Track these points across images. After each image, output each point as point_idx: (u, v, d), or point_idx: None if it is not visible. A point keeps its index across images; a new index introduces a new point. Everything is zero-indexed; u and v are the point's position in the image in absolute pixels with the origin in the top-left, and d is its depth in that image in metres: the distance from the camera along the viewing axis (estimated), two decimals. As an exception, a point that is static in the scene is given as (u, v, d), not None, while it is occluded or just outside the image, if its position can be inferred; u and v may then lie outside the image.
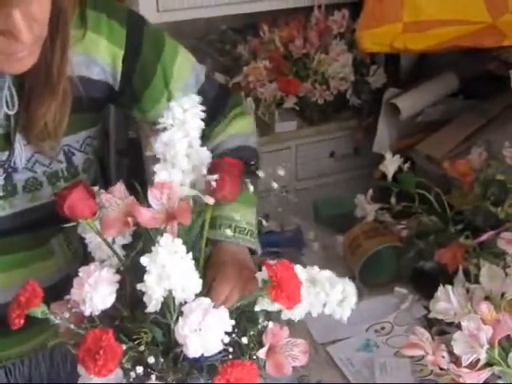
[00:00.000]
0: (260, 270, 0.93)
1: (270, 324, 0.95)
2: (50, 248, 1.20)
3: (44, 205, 1.11)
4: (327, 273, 0.98)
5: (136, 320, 0.94)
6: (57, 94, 1.01)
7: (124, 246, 1.01)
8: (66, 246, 1.22)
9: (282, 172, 1.11)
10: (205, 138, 1.12)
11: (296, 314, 0.96)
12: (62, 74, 1.00)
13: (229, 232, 1.05)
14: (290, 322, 0.99)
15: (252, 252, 1.09)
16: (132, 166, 2.50)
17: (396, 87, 2.05)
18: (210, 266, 1.00)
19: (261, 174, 1.06)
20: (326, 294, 0.96)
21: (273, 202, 1.60)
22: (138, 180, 0.98)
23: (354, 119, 2.19)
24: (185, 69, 1.15)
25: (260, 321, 0.96)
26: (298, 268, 0.94)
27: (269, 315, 0.97)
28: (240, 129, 1.21)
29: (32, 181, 1.10)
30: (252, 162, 1.11)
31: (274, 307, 0.93)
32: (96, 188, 0.99)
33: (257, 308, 0.94)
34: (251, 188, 1.00)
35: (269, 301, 0.92)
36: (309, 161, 2.19)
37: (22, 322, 0.90)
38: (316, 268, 0.99)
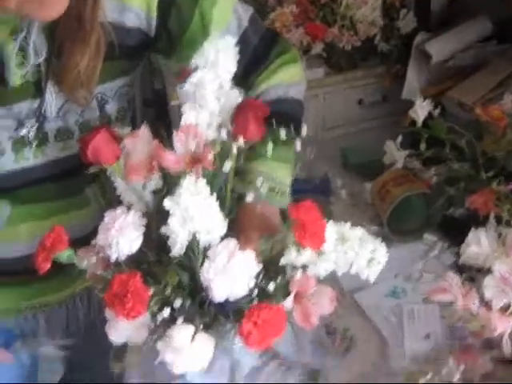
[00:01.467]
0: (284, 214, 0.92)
1: (298, 273, 0.93)
2: (85, 197, 1.19)
3: (76, 154, 1.10)
4: (358, 231, 0.96)
5: (162, 264, 0.94)
6: (89, 42, 0.98)
7: (154, 192, 1.00)
8: (100, 196, 1.21)
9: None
10: (248, 86, 1.09)
11: (322, 269, 0.95)
12: (94, 21, 0.97)
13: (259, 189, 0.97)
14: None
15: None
16: (157, 117, 2.49)
17: (426, 31, 1.99)
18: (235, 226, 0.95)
19: (304, 130, 1.01)
20: (355, 253, 0.94)
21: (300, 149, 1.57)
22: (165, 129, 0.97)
23: (382, 66, 2.14)
24: (226, 12, 1.08)
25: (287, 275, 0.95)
26: (328, 223, 0.92)
27: (295, 269, 0.96)
28: (284, 78, 1.13)
29: (64, 130, 1.09)
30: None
31: (301, 260, 0.92)
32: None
33: (283, 261, 0.92)
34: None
35: (295, 253, 0.90)
36: (336, 109, 2.16)
37: (48, 265, 0.90)
38: (347, 225, 0.96)
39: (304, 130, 1.00)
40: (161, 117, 2.40)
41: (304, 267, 0.93)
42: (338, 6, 2.04)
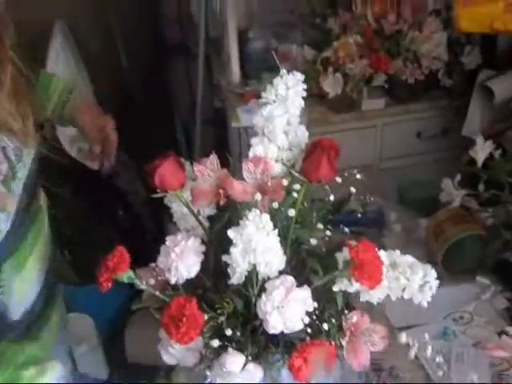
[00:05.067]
0: (341, 249, 0.93)
1: (354, 316, 0.94)
2: None
3: None
4: (408, 257, 0.97)
5: (218, 291, 0.96)
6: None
7: (208, 218, 1.03)
8: None
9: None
10: None
11: (375, 296, 0.96)
12: None
13: None
14: (368, 304, 0.99)
15: None
16: (216, 136, 2.54)
17: (491, 69, 1.97)
18: None
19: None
20: (406, 278, 0.95)
21: (356, 180, 1.58)
22: (223, 150, 0.99)
23: (443, 99, 2.14)
24: None
25: (338, 302, 0.96)
26: (380, 252, 0.93)
27: (347, 296, 0.97)
28: None
29: None
30: None
31: (353, 288, 0.93)
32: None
33: (335, 288, 0.94)
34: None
35: (348, 281, 0.92)
36: (395, 140, 2.16)
37: (110, 285, 0.93)
38: (397, 252, 0.98)
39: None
40: (220, 136, 2.44)
41: (356, 294, 0.94)
42: (403, 38, 2.05)
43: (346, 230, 1.02)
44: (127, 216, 2.44)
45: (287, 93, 0.95)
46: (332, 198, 0.97)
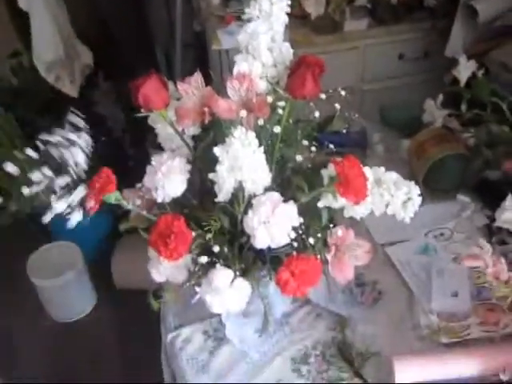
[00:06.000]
0: (325, 167, 0.94)
1: (339, 230, 0.96)
2: None
3: None
4: (393, 174, 0.99)
5: (204, 209, 0.97)
6: None
7: (193, 137, 1.03)
8: None
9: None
10: None
11: (358, 212, 0.97)
12: None
13: None
14: (351, 220, 1.01)
15: None
16: (197, 59, 2.49)
17: (475, -12, 1.94)
18: None
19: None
20: (390, 194, 0.97)
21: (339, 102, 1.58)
22: (203, 73, 0.98)
23: (426, 21, 2.11)
24: None
25: (323, 218, 0.98)
26: (364, 168, 0.95)
27: (332, 212, 0.99)
28: None
29: None
30: None
31: (338, 204, 0.94)
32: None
33: (320, 204, 0.95)
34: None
35: (332, 197, 0.93)
36: (377, 62, 2.14)
37: (97, 207, 0.93)
38: (382, 169, 0.99)
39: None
40: (200, 59, 2.41)
41: (341, 210, 0.96)
42: (387, -45, 2.00)
43: (332, 146, 1.03)
44: (108, 142, 2.43)
45: (271, 9, 0.93)
46: (317, 114, 0.97)
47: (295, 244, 0.90)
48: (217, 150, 0.87)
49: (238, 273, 0.94)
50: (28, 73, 2.48)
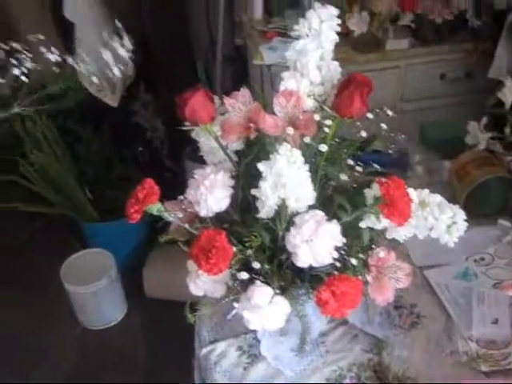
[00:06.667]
0: (368, 187, 0.93)
1: (381, 252, 0.95)
2: None
3: None
4: (437, 197, 0.97)
5: (245, 224, 0.96)
6: None
7: (236, 152, 1.02)
8: None
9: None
10: None
11: (401, 234, 0.96)
12: None
13: None
14: (392, 242, 1.00)
15: None
16: (236, 73, 2.51)
17: (521, 10, 1.92)
18: None
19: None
20: (434, 217, 0.95)
21: (379, 121, 1.56)
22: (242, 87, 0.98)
23: (469, 42, 2.09)
24: None
25: (364, 238, 0.97)
26: (409, 189, 0.93)
27: (373, 233, 0.98)
28: None
29: None
30: None
31: (380, 225, 0.93)
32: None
33: (362, 225, 0.94)
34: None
35: (375, 218, 0.92)
36: (418, 82, 2.12)
37: (139, 217, 0.93)
38: (426, 191, 0.98)
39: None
40: (240, 72, 2.42)
41: (383, 231, 0.95)
42: (433, -24, 1.99)
43: (376, 166, 1.02)
44: (147, 152, 2.46)
45: (321, 27, 0.93)
46: (364, 134, 0.96)
47: (337, 264, 0.89)
48: (261, 166, 0.87)
49: (277, 290, 0.93)
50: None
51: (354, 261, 0.89)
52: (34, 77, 0.93)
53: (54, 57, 0.96)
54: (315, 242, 0.86)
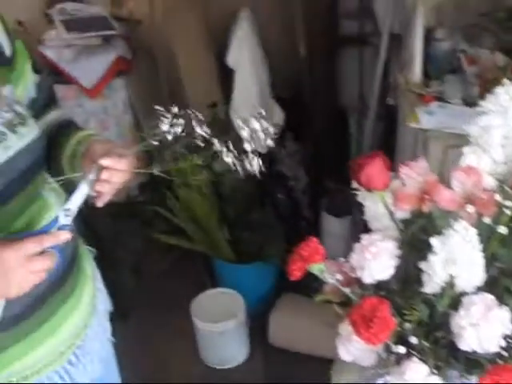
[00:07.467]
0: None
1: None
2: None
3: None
4: None
5: (405, 296, 0.95)
6: None
7: (402, 221, 1.01)
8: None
9: None
10: None
11: None
12: None
13: None
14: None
15: None
16: (383, 133, 2.51)
17: None
18: None
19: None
20: None
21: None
22: (388, 148, 0.97)
23: None
24: None
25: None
26: None
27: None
28: None
29: None
30: None
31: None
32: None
33: None
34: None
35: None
36: None
37: (300, 274, 0.94)
38: None
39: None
40: (388, 132, 2.41)
41: None
42: None
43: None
44: (287, 200, 2.49)
45: (510, 103, 0.91)
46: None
47: (504, 353, 0.85)
48: (434, 241, 0.86)
49: (433, 369, 0.90)
50: (220, 124, 2.63)
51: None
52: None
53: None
54: (483, 327, 0.83)
